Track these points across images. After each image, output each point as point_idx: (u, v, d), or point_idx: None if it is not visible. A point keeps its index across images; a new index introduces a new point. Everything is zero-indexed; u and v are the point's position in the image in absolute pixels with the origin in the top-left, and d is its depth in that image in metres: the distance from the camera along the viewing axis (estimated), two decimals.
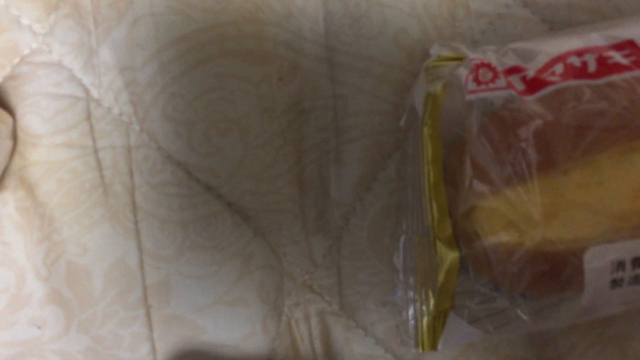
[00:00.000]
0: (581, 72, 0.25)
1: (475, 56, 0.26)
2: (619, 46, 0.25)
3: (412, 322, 0.28)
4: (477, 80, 0.25)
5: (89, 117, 0.30)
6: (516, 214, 0.24)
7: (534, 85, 0.25)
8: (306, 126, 0.30)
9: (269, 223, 0.30)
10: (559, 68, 0.25)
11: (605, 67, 0.25)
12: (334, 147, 0.30)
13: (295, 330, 0.30)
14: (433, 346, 0.27)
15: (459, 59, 0.27)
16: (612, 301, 0.25)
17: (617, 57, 0.25)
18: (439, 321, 0.27)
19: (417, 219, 0.28)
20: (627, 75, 0.25)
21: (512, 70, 0.26)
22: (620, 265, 0.24)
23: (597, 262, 0.24)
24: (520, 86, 0.25)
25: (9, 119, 0.29)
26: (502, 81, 0.25)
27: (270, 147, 0.30)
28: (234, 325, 0.30)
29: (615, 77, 0.25)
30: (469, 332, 0.27)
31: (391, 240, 0.30)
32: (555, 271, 0.24)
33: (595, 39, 0.26)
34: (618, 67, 0.25)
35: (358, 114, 0.30)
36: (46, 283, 0.30)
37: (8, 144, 0.29)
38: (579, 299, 0.25)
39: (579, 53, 0.25)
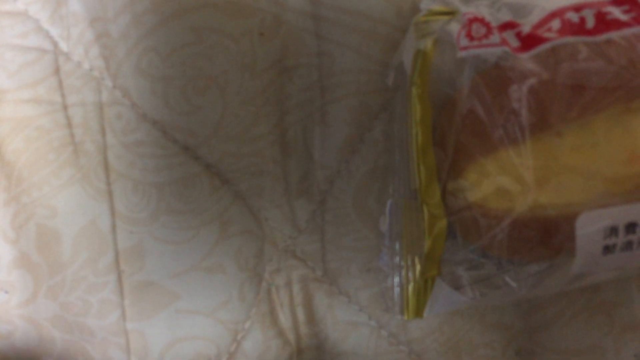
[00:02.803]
0: (579, 28, 0.24)
1: (468, 10, 0.25)
2: (618, 1, 0.25)
3: (398, 288, 0.27)
4: (469, 35, 0.24)
5: (57, 71, 0.28)
6: (507, 178, 0.23)
7: (529, 41, 0.24)
8: (289, 85, 0.29)
9: (249, 186, 0.29)
10: (555, 24, 0.24)
11: (604, 23, 0.24)
12: (319, 107, 0.29)
13: (275, 297, 0.30)
14: (418, 313, 0.27)
15: (451, 13, 0.26)
16: (603, 268, 0.24)
17: (616, 12, 0.24)
18: (425, 288, 0.26)
19: (405, 182, 0.27)
20: (626, 32, 0.24)
21: (507, 26, 0.25)
22: (613, 230, 0.23)
23: (589, 227, 0.23)
24: (514, 43, 0.24)
25: None
26: (496, 37, 0.24)
27: (250, 107, 0.29)
28: (209, 292, 0.29)
29: (614, 34, 0.24)
30: (455, 299, 0.26)
31: (377, 204, 0.29)
32: (546, 237, 0.24)
33: None
34: (617, 24, 0.24)
35: (344, 73, 0.29)
36: (14, 246, 0.29)
37: None
38: (570, 266, 0.24)
39: (577, 8, 0.25)
